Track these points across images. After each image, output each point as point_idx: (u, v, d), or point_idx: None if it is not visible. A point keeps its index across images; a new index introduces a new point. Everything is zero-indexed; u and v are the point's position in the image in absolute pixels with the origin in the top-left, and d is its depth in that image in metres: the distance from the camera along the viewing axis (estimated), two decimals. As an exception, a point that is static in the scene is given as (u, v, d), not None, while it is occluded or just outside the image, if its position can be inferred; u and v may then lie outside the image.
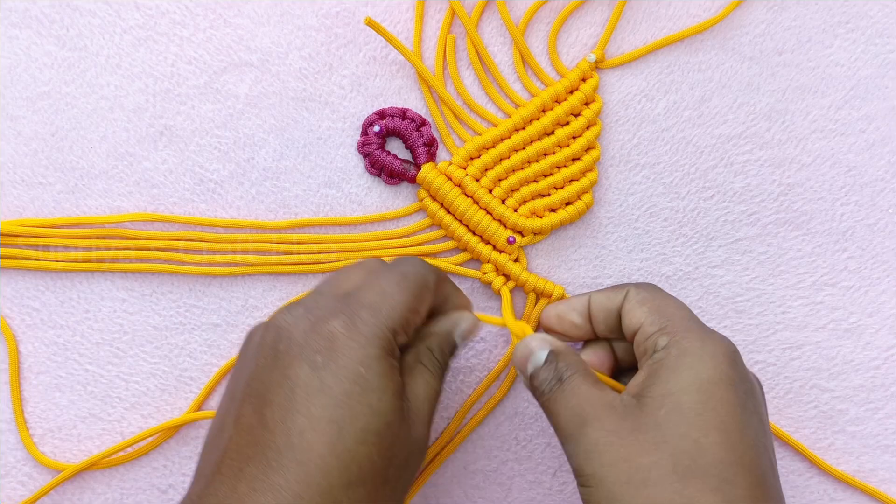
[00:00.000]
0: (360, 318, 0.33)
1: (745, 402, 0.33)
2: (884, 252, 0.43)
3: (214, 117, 0.43)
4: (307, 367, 0.32)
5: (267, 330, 0.34)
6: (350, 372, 0.32)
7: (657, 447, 0.32)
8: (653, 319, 0.36)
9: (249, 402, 0.32)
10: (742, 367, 0.34)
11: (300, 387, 0.32)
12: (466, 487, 0.43)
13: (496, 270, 0.42)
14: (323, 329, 0.33)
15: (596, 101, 0.43)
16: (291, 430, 0.31)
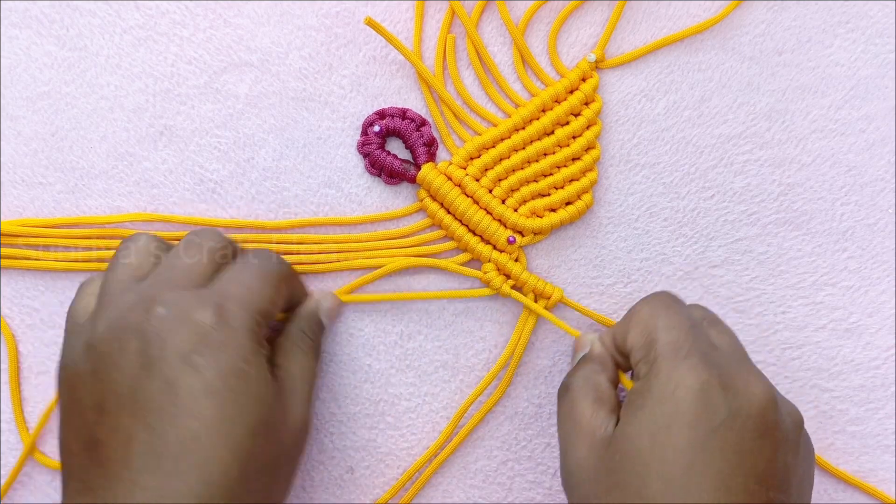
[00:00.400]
0: (228, 311, 0.33)
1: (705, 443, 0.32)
2: (884, 252, 0.43)
3: (214, 117, 0.43)
4: (189, 369, 0.32)
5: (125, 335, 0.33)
6: (232, 368, 0.32)
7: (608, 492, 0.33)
8: (640, 343, 0.36)
9: (129, 413, 0.32)
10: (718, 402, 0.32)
11: (184, 390, 0.31)
12: (466, 487, 0.43)
13: (497, 270, 0.42)
14: (193, 326, 0.32)
15: (596, 100, 0.43)
16: (185, 436, 0.31)
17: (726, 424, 0.32)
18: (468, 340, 0.43)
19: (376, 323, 0.43)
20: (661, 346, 0.34)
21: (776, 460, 0.32)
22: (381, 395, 0.43)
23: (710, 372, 0.33)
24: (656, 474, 0.32)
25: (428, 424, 0.43)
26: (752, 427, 0.32)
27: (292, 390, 0.35)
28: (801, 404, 0.43)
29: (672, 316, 0.36)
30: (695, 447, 0.32)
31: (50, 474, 0.43)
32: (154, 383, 0.32)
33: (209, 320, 0.32)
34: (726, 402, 0.32)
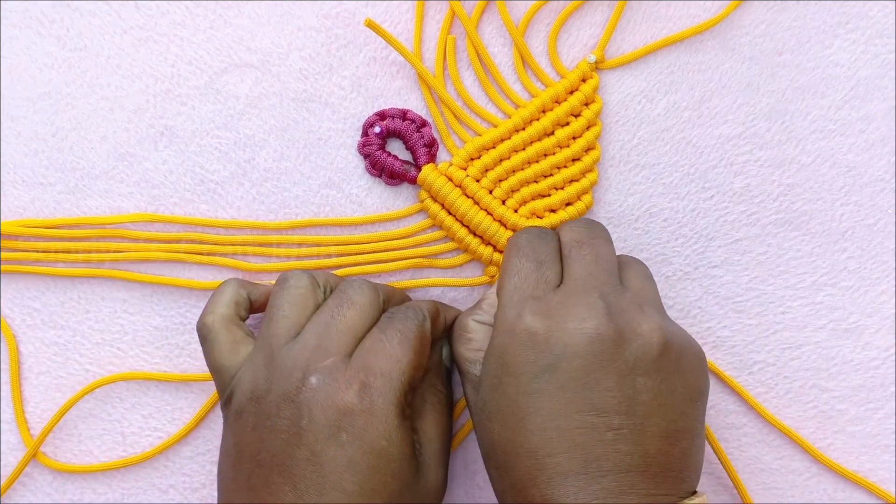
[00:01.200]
0: (373, 388, 0.35)
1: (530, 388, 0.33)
2: (883, 252, 0.44)
3: (215, 118, 0.43)
4: (334, 444, 0.34)
5: (282, 401, 0.35)
6: (373, 447, 0.34)
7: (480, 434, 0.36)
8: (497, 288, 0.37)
9: (279, 473, 0.34)
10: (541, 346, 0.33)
11: (329, 464, 0.33)
12: (466, 487, 0.43)
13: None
14: (340, 403, 0.34)
15: (596, 101, 0.43)
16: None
17: (548, 368, 0.33)
18: (468, 341, 0.43)
19: (377, 323, 0.43)
20: (502, 293, 0.36)
21: (621, 388, 0.33)
22: (382, 395, 0.43)
23: (534, 317, 0.34)
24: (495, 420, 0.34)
25: (428, 424, 0.43)
26: (581, 365, 0.33)
27: (430, 454, 0.37)
28: (801, 404, 0.43)
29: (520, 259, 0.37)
30: (522, 393, 0.33)
31: (51, 475, 0.43)
32: (302, 452, 0.34)
33: (354, 400, 0.34)
34: (547, 346, 0.33)
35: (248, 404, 0.35)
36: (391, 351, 0.35)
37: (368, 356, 0.35)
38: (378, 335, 0.36)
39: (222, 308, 0.38)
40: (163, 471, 0.43)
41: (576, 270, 0.36)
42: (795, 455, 0.43)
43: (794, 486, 0.43)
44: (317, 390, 0.34)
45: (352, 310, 0.36)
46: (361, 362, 0.35)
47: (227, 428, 0.37)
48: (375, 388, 0.34)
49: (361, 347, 0.36)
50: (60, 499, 0.43)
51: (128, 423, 0.43)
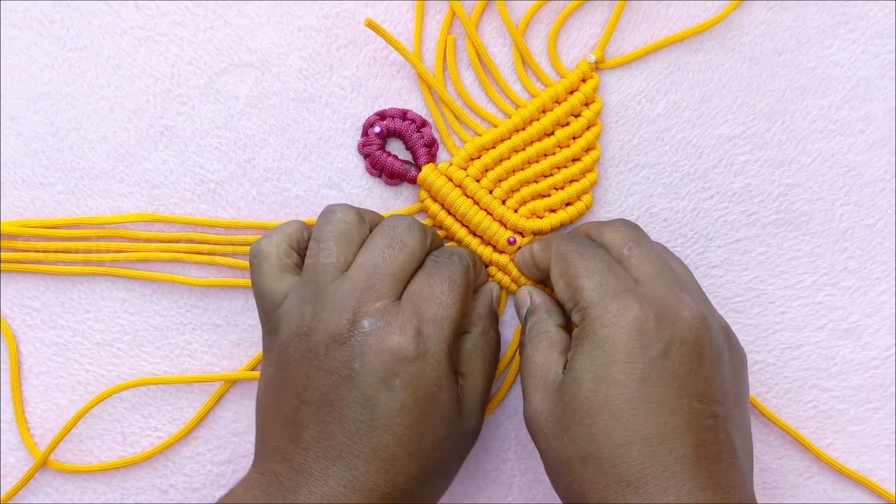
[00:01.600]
0: (425, 335, 0.35)
1: (646, 375, 0.33)
2: (883, 252, 0.44)
3: (215, 118, 0.43)
4: (386, 390, 0.34)
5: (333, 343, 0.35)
6: (425, 392, 0.35)
7: (563, 432, 0.34)
8: (568, 294, 0.37)
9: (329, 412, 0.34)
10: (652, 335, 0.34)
11: (381, 408, 0.34)
12: (467, 487, 0.44)
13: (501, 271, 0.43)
14: (394, 348, 0.35)
15: (596, 101, 0.43)
16: (377, 445, 0.34)
17: (662, 354, 0.34)
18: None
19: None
20: (588, 293, 0.36)
21: (713, 376, 0.34)
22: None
23: (641, 307, 0.34)
24: (603, 411, 0.33)
25: (428, 424, 0.43)
26: (687, 351, 0.34)
27: (473, 400, 0.38)
28: (800, 404, 0.43)
29: (588, 261, 0.37)
30: (636, 381, 0.33)
31: (51, 475, 0.43)
32: (354, 395, 0.34)
33: (408, 346, 0.35)
34: (659, 333, 0.34)
35: (293, 339, 0.36)
36: (441, 297, 0.36)
37: (419, 301, 0.36)
38: (426, 280, 0.37)
39: (279, 237, 0.38)
40: (163, 471, 0.43)
41: (648, 268, 0.37)
42: (795, 455, 0.43)
43: (794, 486, 0.43)
44: (370, 334, 0.35)
45: (402, 252, 0.37)
46: (412, 307, 0.35)
47: (270, 359, 0.37)
48: (427, 334, 0.35)
49: (410, 291, 0.36)
50: (60, 498, 0.43)
51: (128, 423, 0.43)
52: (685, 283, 0.37)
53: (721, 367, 0.35)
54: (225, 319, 0.43)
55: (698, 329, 0.34)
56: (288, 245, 0.38)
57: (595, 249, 0.37)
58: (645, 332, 0.34)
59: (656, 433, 0.33)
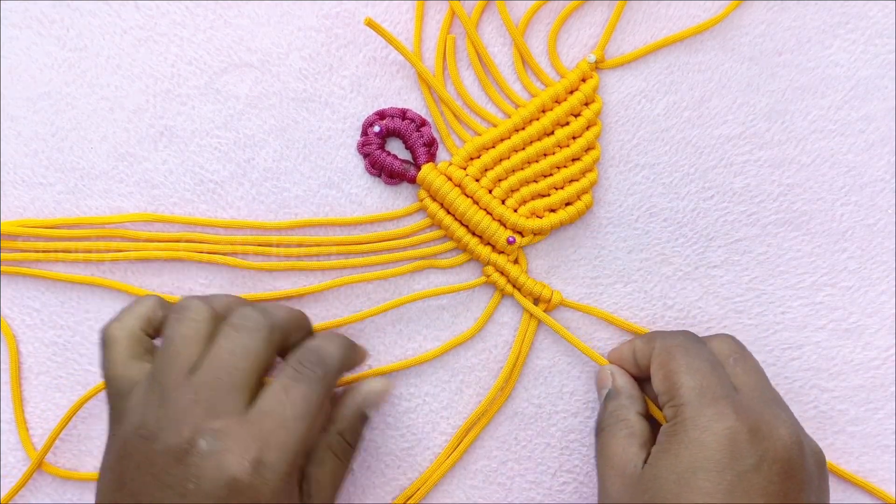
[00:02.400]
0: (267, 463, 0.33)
1: (732, 488, 0.32)
2: (883, 252, 0.44)
3: (215, 118, 0.43)
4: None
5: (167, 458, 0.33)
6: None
7: None
8: (664, 388, 0.36)
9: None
10: (745, 448, 0.33)
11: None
12: (466, 487, 0.43)
13: (497, 272, 0.42)
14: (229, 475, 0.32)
15: (596, 101, 0.43)
16: None
17: (753, 468, 0.33)
18: (468, 341, 0.43)
19: (376, 323, 0.43)
20: (686, 391, 0.35)
21: (801, 500, 0.33)
22: (382, 395, 0.43)
23: (738, 417, 0.33)
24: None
25: (428, 424, 0.43)
26: (778, 470, 0.33)
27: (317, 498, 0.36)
28: (801, 404, 0.43)
29: (692, 359, 0.36)
30: (721, 491, 0.32)
31: (50, 476, 0.43)
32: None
33: (245, 475, 0.32)
34: (752, 447, 0.33)
35: (136, 440, 0.33)
36: (291, 421, 0.34)
37: (265, 422, 0.33)
38: (280, 396, 0.34)
39: (131, 320, 0.36)
40: (162, 471, 0.43)
41: (748, 380, 0.36)
42: (796, 455, 0.43)
43: (794, 487, 0.43)
44: (206, 456, 0.32)
45: (246, 360, 0.34)
46: (257, 430, 0.33)
47: (113, 446, 0.35)
48: (269, 462, 0.33)
49: (260, 407, 0.34)
50: (60, 499, 0.43)
51: (127, 423, 0.43)
52: (783, 403, 0.36)
53: (809, 493, 0.34)
54: (224, 319, 0.43)
55: (793, 449, 0.33)
56: (140, 329, 0.36)
57: (701, 348, 0.37)
58: (737, 444, 0.33)
59: None
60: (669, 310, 0.43)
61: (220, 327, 0.35)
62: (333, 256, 0.43)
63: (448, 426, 0.43)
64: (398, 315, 0.43)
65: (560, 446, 0.43)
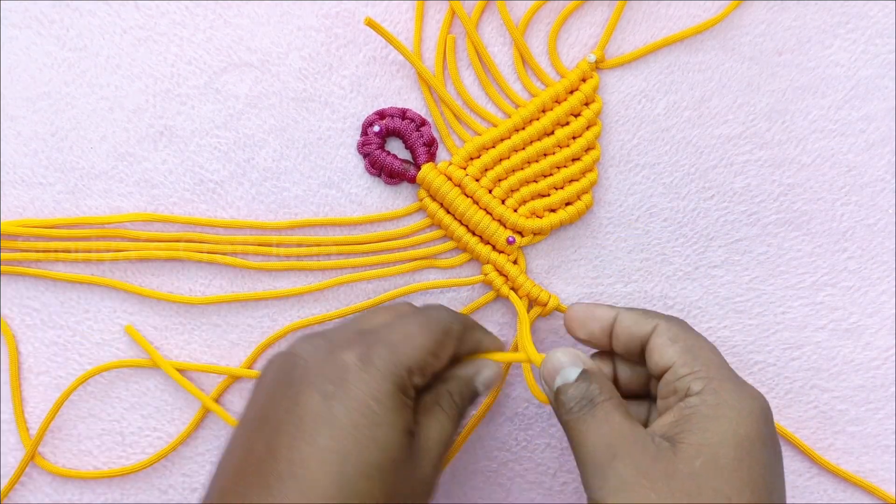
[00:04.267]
0: (376, 352, 0.33)
1: (773, 463, 0.33)
2: (884, 252, 0.43)
3: (214, 117, 0.43)
4: (318, 395, 0.32)
5: (284, 358, 0.34)
6: (360, 404, 0.32)
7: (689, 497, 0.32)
8: (685, 360, 0.35)
9: (260, 429, 0.32)
10: (773, 427, 0.34)
11: (309, 415, 0.32)
12: (466, 488, 0.43)
13: (496, 271, 0.42)
14: (338, 359, 0.33)
15: (596, 101, 0.43)
16: (295, 459, 0.31)
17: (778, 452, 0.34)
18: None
19: (376, 323, 0.43)
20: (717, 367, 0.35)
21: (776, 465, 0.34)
22: (381, 395, 0.43)
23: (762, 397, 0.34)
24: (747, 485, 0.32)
25: (428, 424, 0.43)
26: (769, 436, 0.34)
27: (425, 449, 0.34)
28: (801, 404, 0.43)
29: (703, 340, 0.36)
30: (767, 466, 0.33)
31: (50, 475, 0.43)
32: (284, 402, 0.32)
33: (353, 359, 0.33)
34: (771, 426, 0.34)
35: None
36: (407, 329, 0.35)
37: (383, 330, 0.35)
38: (406, 317, 0.36)
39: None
40: (162, 471, 0.43)
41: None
42: (796, 455, 0.43)
43: (794, 487, 0.43)
44: (318, 346, 0.34)
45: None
46: (375, 335, 0.34)
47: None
48: (377, 353, 0.33)
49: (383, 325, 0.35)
50: (60, 498, 0.43)
51: (127, 423, 0.43)
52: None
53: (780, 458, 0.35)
54: (224, 319, 0.43)
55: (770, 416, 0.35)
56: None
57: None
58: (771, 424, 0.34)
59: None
60: (669, 310, 0.43)
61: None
62: (333, 256, 0.43)
63: (448, 426, 0.43)
64: (398, 315, 0.43)
65: (560, 446, 0.43)
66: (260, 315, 0.43)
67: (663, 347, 0.36)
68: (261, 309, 0.43)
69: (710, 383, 0.34)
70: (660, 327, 0.36)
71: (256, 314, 0.43)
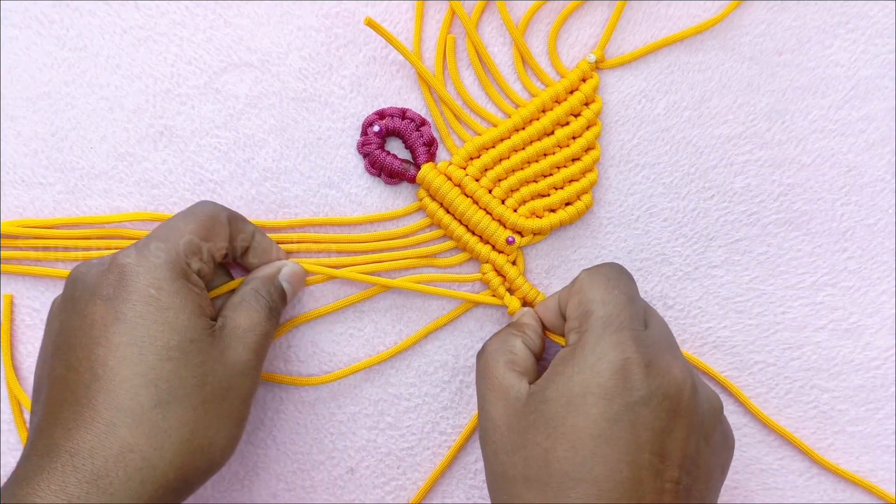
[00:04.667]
0: (148, 248, 0.35)
1: (618, 416, 0.32)
2: (884, 252, 0.43)
3: (214, 117, 0.43)
4: (101, 301, 0.34)
5: (65, 287, 0.36)
6: (141, 295, 0.34)
7: (516, 450, 0.34)
8: (576, 314, 0.37)
9: (56, 354, 0.34)
10: (638, 380, 0.33)
11: (97, 321, 0.33)
12: (466, 487, 0.43)
13: (494, 271, 0.42)
14: (114, 266, 0.35)
15: (596, 101, 0.43)
16: (94, 364, 0.33)
17: (642, 401, 0.33)
18: (468, 341, 0.43)
19: (376, 323, 0.43)
20: (594, 320, 0.35)
21: (687, 442, 0.33)
22: (381, 395, 0.43)
23: (636, 350, 0.34)
24: (565, 439, 0.33)
25: (428, 424, 0.43)
26: (667, 407, 0.33)
27: (234, 336, 0.36)
28: (801, 404, 0.43)
29: (609, 291, 0.36)
30: (607, 419, 0.33)
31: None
32: (73, 321, 0.34)
33: (128, 259, 0.35)
34: (645, 381, 0.33)
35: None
36: (172, 223, 0.37)
37: (152, 232, 0.37)
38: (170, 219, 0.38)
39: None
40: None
41: (657, 322, 0.37)
42: (796, 455, 0.43)
43: (794, 487, 0.43)
44: (94, 264, 0.36)
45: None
46: (146, 238, 0.36)
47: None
48: (149, 248, 0.35)
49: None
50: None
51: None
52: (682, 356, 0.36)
53: (697, 437, 0.34)
54: (224, 319, 0.43)
55: (684, 390, 0.34)
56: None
57: (625, 280, 0.37)
58: (630, 375, 0.33)
59: (608, 478, 0.32)
60: (670, 310, 0.43)
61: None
62: (333, 255, 0.43)
63: (448, 426, 0.43)
64: (398, 316, 0.43)
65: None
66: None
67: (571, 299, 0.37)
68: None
69: (582, 337, 0.35)
70: (575, 282, 0.38)
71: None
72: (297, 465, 0.43)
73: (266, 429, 0.43)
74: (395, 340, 0.43)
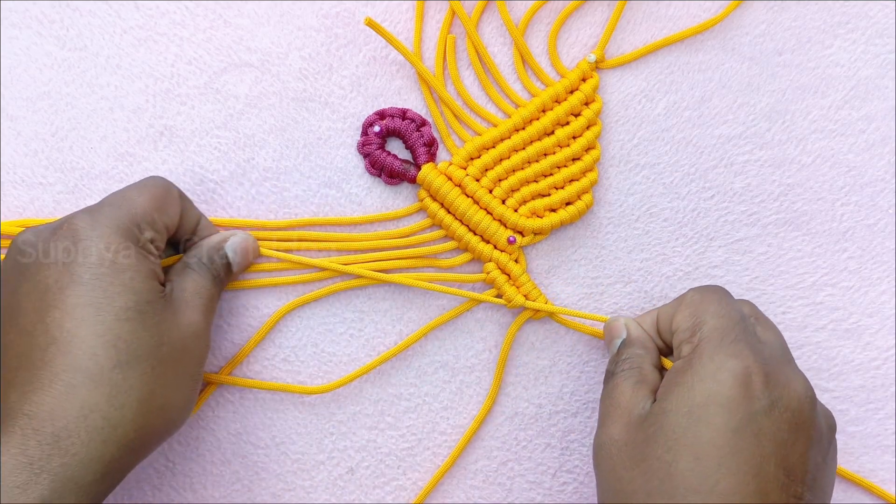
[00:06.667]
0: (100, 213, 0.35)
1: (742, 427, 0.32)
2: (884, 252, 0.43)
3: (214, 117, 0.43)
4: (53, 266, 0.33)
5: (7, 254, 0.36)
6: (97, 257, 0.34)
7: (635, 465, 0.33)
8: (688, 325, 0.36)
9: (10, 323, 0.34)
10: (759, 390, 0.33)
11: (51, 286, 0.33)
12: (466, 488, 0.43)
13: (499, 269, 0.42)
14: (67, 230, 0.35)
15: (596, 101, 0.43)
16: (50, 326, 0.32)
17: (764, 412, 0.32)
18: (468, 341, 0.43)
19: (376, 323, 0.43)
20: (708, 330, 0.35)
21: (808, 457, 0.33)
22: (381, 395, 0.43)
23: (755, 360, 0.33)
24: (688, 451, 0.32)
25: (428, 424, 0.43)
26: (790, 419, 0.33)
27: (182, 300, 0.37)
28: (801, 404, 0.43)
29: (723, 305, 0.36)
30: (731, 429, 0.32)
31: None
32: (24, 287, 0.34)
33: (81, 222, 0.35)
34: (767, 391, 0.33)
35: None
36: (125, 192, 0.37)
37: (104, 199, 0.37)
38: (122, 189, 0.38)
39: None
40: (163, 471, 0.43)
41: (770, 337, 0.36)
42: (796, 455, 0.43)
43: (794, 487, 0.43)
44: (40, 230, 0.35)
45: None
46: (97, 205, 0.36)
47: None
48: (102, 213, 0.35)
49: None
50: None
51: (127, 424, 0.43)
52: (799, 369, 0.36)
53: (818, 452, 0.33)
54: (225, 320, 0.43)
55: (805, 402, 0.33)
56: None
57: (735, 301, 0.37)
58: (752, 384, 0.33)
59: (735, 491, 0.31)
60: (669, 310, 0.43)
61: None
62: (333, 255, 0.43)
63: (448, 426, 0.43)
64: (398, 316, 0.43)
65: (560, 446, 0.43)
66: (261, 315, 0.43)
67: (681, 312, 0.37)
68: (260, 309, 0.43)
69: (696, 347, 0.35)
70: (684, 298, 0.37)
71: (256, 314, 0.43)
72: (297, 465, 0.43)
73: (266, 429, 0.43)
74: (395, 340, 0.43)
